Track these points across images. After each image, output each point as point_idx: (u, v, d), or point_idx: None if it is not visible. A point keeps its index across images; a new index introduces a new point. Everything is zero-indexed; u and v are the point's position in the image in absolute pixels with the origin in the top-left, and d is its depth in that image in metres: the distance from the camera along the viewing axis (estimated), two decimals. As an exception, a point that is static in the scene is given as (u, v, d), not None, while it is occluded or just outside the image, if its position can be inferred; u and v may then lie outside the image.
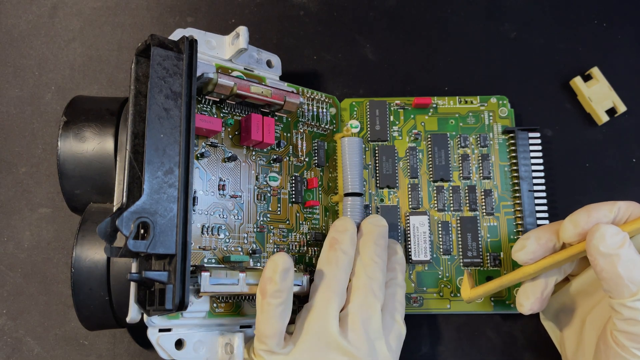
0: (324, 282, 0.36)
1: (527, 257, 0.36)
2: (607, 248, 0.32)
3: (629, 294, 0.31)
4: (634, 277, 0.31)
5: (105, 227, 0.30)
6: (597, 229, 0.33)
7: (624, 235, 0.32)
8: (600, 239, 0.32)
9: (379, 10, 0.49)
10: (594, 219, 0.33)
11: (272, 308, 0.33)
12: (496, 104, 0.45)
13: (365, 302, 0.36)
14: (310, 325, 0.35)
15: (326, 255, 0.37)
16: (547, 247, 0.36)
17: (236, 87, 0.37)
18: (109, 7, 0.49)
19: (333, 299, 0.35)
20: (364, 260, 0.38)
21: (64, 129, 0.37)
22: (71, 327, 0.43)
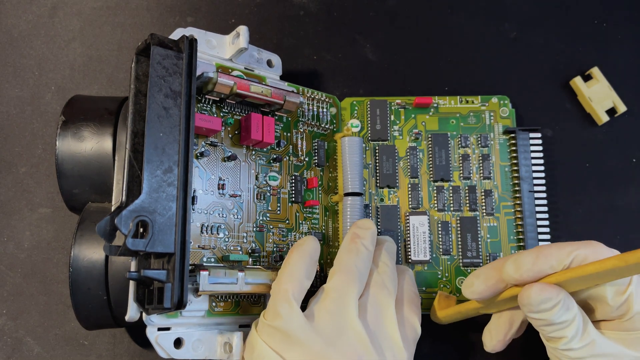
0: (344, 267, 0.35)
1: (473, 296, 0.35)
2: (536, 315, 0.31)
3: (561, 344, 0.32)
4: (565, 334, 0.31)
5: (104, 226, 0.30)
6: (527, 295, 0.31)
7: (556, 300, 0.31)
8: (528, 306, 0.31)
9: (379, 10, 0.49)
10: (539, 267, 0.31)
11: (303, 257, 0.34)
12: (497, 104, 0.45)
13: (381, 294, 0.35)
14: (328, 304, 0.34)
15: (347, 246, 0.36)
16: (497, 288, 0.34)
17: (236, 87, 0.37)
18: (109, 7, 0.49)
19: (353, 282, 0.34)
20: (376, 260, 0.37)
21: (63, 128, 0.37)
22: (71, 327, 0.43)
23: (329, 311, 0.33)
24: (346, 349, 0.32)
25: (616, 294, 0.32)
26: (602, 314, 0.33)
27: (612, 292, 0.32)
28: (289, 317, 0.32)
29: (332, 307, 0.33)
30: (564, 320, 0.31)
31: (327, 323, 0.33)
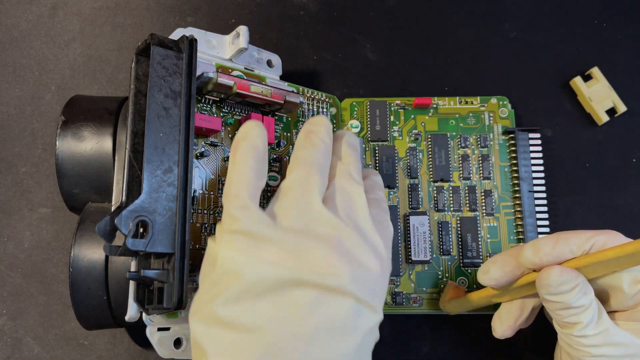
0: (301, 161, 0.31)
1: (489, 282, 0.34)
2: (554, 297, 0.31)
3: (576, 330, 0.32)
4: (580, 319, 0.31)
5: (104, 226, 0.30)
6: (546, 275, 0.31)
7: (575, 283, 0.31)
8: (547, 287, 0.31)
9: (379, 10, 0.49)
10: (558, 251, 0.31)
11: (249, 158, 0.30)
12: (496, 105, 0.45)
13: (348, 183, 0.32)
14: (290, 200, 0.30)
15: (302, 142, 0.33)
16: (514, 275, 0.34)
17: (236, 87, 0.37)
18: (109, 7, 0.49)
19: (314, 175, 0.31)
20: (337, 153, 0.34)
21: (63, 128, 0.37)
22: (71, 327, 0.43)
23: (293, 206, 0.30)
24: (322, 234, 0.29)
25: (632, 282, 0.32)
26: (617, 304, 0.33)
27: (629, 280, 0.32)
28: (249, 218, 0.28)
29: (294, 202, 0.30)
30: (581, 305, 0.31)
31: (293, 218, 0.29)
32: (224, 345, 0.26)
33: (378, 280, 0.29)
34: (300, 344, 0.26)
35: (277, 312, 0.26)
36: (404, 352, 0.43)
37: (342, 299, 0.27)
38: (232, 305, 0.26)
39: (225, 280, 0.27)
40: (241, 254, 0.27)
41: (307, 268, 0.27)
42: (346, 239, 0.29)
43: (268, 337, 0.26)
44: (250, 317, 0.26)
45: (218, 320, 0.26)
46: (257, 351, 0.25)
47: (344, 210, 0.31)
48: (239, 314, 0.26)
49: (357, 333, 0.27)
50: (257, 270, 0.27)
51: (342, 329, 0.27)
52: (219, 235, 0.29)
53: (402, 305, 0.42)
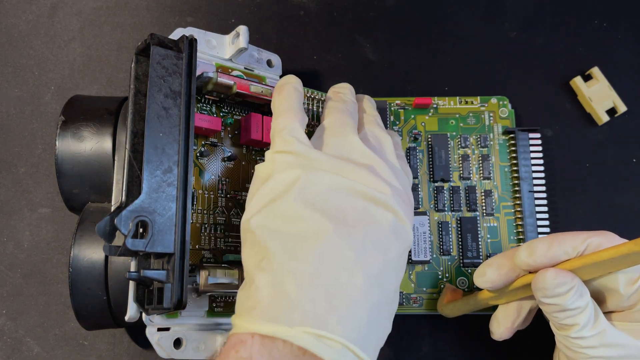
0: (336, 108, 0.35)
1: (485, 285, 0.35)
2: (550, 300, 0.31)
3: (573, 331, 0.32)
4: (577, 321, 0.31)
5: (104, 226, 0.30)
6: (542, 278, 0.31)
7: (570, 285, 0.31)
8: (542, 290, 0.31)
9: (379, 10, 0.49)
10: (552, 253, 0.31)
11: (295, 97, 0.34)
12: (497, 105, 0.45)
13: (377, 129, 0.36)
14: (330, 135, 0.33)
15: (331, 101, 0.37)
16: (510, 277, 0.34)
17: (236, 86, 0.37)
18: (108, 7, 0.49)
19: (349, 118, 0.35)
20: (362, 109, 0.38)
21: (62, 128, 0.37)
22: (71, 327, 0.43)
23: (332, 140, 0.33)
24: (360, 162, 0.32)
25: (628, 283, 0.32)
26: (613, 305, 0.33)
27: (624, 281, 0.32)
28: (300, 141, 0.31)
29: (334, 137, 0.33)
30: (577, 307, 0.31)
31: (334, 148, 0.32)
32: (286, 246, 0.28)
33: (408, 206, 0.32)
34: (353, 247, 0.28)
35: (330, 218, 0.29)
36: (404, 352, 0.43)
37: (386, 211, 0.30)
38: (288, 211, 0.29)
39: (283, 188, 0.30)
40: (295, 165, 0.30)
41: (355, 178, 0.30)
42: (379, 168, 0.32)
43: (325, 241, 0.28)
44: (307, 222, 0.28)
45: (274, 224, 0.29)
46: (316, 253, 0.28)
47: (374, 148, 0.34)
48: (293, 218, 0.29)
49: (398, 242, 0.30)
50: (311, 177, 0.30)
51: (386, 237, 0.29)
52: (270, 157, 0.31)
53: (402, 305, 0.42)
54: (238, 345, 0.26)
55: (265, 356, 0.25)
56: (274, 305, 0.27)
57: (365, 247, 0.28)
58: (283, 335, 0.25)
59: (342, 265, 0.28)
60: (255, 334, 0.26)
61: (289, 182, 0.30)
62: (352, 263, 0.28)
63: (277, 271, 0.27)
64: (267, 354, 0.25)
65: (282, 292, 0.27)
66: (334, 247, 0.28)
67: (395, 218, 0.30)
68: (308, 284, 0.27)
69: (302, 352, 0.25)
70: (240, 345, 0.26)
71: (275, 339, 0.26)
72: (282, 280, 0.27)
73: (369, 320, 0.27)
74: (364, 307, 0.27)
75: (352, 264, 0.28)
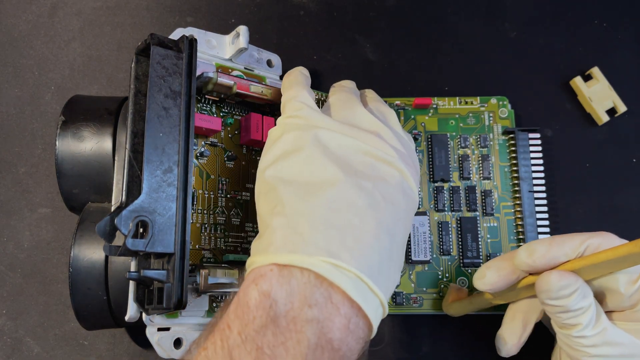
0: (340, 89, 0.38)
1: (485, 287, 0.35)
2: (554, 302, 0.31)
3: (575, 330, 0.32)
4: (580, 321, 0.32)
5: (104, 226, 0.30)
6: (546, 280, 0.31)
7: (575, 287, 0.31)
8: (547, 293, 0.31)
9: (379, 10, 0.49)
10: (552, 254, 0.32)
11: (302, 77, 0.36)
12: (496, 105, 0.45)
13: (380, 104, 0.37)
14: (337, 108, 0.35)
15: (333, 88, 0.39)
16: (510, 279, 0.34)
17: (236, 87, 0.37)
18: (109, 7, 0.49)
19: (353, 94, 0.37)
20: (364, 95, 0.40)
21: (62, 128, 0.37)
22: (71, 327, 0.43)
23: (340, 109, 0.35)
24: (366, 128, 0.33)
25: (628, 283, 0.32)
26: (613, 304, 0.33)
27: (624, 281, 0.32)
28: (310, 107, 0.33)
29: (341, 107, 0.35)
30: (580, 307, 0.31)
31: (341, 115, 0.34)
32: (299, 193, 0.29)
33: (414, 170, 0.33)
34: (363, 196, 0.29)
35: (341, 169, 0.30)
36: (404, 352, 0.43)
37: (392, 169, 0.31)
38: (300, 162, 0.30)
39: (296, 144, 0.31)
40: (305, 127, 0.32)
41: (362, 140, 0.32)
42: (385, 135, 0.33)
43: (336, 187, 0.29)
44: (319, 171, 0.30)
45: (287, 175, 0.30)
46: (328, 198, 0.29)
47: (379, 118, 0.35)
48: (305, 169, 0.30)
49: (405, 199, 0.31)
50: (321, 135, 0.31)
51: (394, 192, 0.31)
52: (281, 121, 0.33)
53: (402, 305, 0.42)
54: (258, 279, 0.26)
55: (284, 286, 0.26)
56: (289, 242, 0.27)
57: (375, 197, 0.29)
58: (301, 263, 0.26)
59: (354, 211, 0.28)
60: (273, 266, 0.26)
61: (299, 139, 0.31)
62: (363, 209, 0.29)
63: (290, 215, 0.28)
64: (286, 284, 0.26)
65: (296, 232, 0.27)
66: (345, 194, 0.29)
67: (402, 176, 0.32)
68: (321, 225, 0.28)
69: (320, 281, 0.26)
70: (260, 279, 0.26)
71: (293, 269, 0.26)
72: (295, 221, 0.28)
73: (381, 263, 0.28)
74: (376, 250, 0.28)
75: (363, 210, 0.29)
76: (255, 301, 0.26)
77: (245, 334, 0.25)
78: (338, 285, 0.26)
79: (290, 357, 0.25)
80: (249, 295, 0.26)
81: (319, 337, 0.25)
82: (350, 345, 0.26)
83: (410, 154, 0.34)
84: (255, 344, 0.25)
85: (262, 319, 0.25)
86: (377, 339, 0.43)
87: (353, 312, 0.26)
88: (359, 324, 0.27)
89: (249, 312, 0.26)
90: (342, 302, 0.26)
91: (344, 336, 0.26)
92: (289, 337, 0.25)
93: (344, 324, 0.26)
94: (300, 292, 0.26)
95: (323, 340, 0.25)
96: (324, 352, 0.25)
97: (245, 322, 0.26)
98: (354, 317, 0.26)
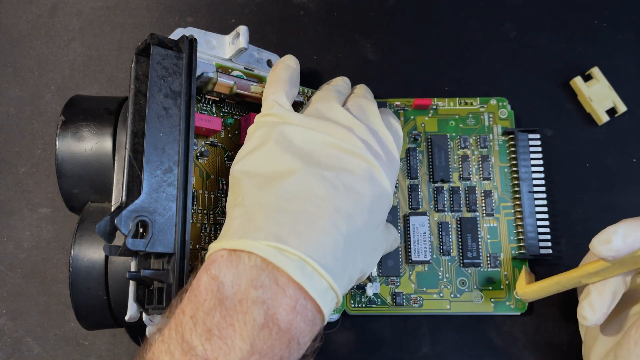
0: (323, 88, 0.39)
1: (609, 253, 0.32)
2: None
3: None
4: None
5: (104, 226, 0.30)
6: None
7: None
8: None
9: (379, 10, 0.49)
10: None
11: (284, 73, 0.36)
12: (496, 106, 0.45)
13: (362, 100, 0.37)
14: (314, 106, 0.36)
15: (320, 87, 0.40)
16: (634, 247, 0.32)
17: (236, 87, 0.37)
18: (108, 7, 0.49)
19: (334, 93, 0.37)
20: (353, 90, 0.40)
21: (62, 128, 0.37)
22: (71, 327, 0.43)
23: (316, 106, 0.35)
24: (339, 122, 0.34)
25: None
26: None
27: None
28: (284, 106, 0.34)
29: (317, 104, 0.36)
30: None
31: (315, 112, 0.35)
32: (259, 184, 0.30)
33: (387, 164, 0.34)
34: (323, 185, 0.30)
35: (302, 160, 0.31)
36: (404, 352, 0.43)
37: (360, 161, 0.32)
38: (263, 156, 0.32)
39: (262, 139, 0.32)
40: (273, 124, 0.33)
41: (330, 134, 0.32)
42: (358, 130, 0.33)
43: (295, 177, 0.30)
44: (279, 163, 0.31)
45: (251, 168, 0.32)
46: (285, 188, 0.30)
47: (357, 114, 0.35)
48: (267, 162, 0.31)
49: (372, 189, 0.32)
50: (287, 130, 0.32)
51: (358, 183, 0.31)
52: (256, 120, 0.34)
53: (402, 305, 0.42)
54: (209, 264, 0.28)
55: (232, 270, 0.27)
56: (242, 229, 0.29)
57: (337, 187, 0.30)
58: (248, 247, 0.27)
59: (310, 199, 0.29)
60: (224, 251, 0.28)
61: (266, 135, 0.32)
62: (320, 198, 0.30)
63: (248, 205, 0.30)
64: (234, 267, 0.27)
65: (250, 220, 0.29)
66: (303, 184, 0.30)
67: (370, 167, 0.32)
68: (274, 212, 0.29)
69: (265, 265, 0.27)
70: (211, 264, 0.28)
71: (241, 253, 0.27)
72: (251, 211, 0.29)
73: (335, 248, 0.29)
74: (330, 235, 0.29)
75: (320, 199, 0.30)
76: (205, 285, 0.27)
77: (196, 317, 0.26)
78: (282, 268, 0.27)
79: (238, 337, 0.26)
80: (201, 280, 0.27)
81: (265, 318, 0.26)
82: (299, 327, 0.27)
83: (384, 149, 0.34)
84: (205, 326, 0.26)
85: (211, 302, 0.26)
86: (378, 339, 0.43)
87: (299, 294, 0.27)
88: (306, 306, 0.27)
89: (200, 296, 0.27)
90: (287, 284, 0.27)
91: (291, 317, 0.27)
92: (236, 318, 0.26)
93: (291, 305, 0.27)
94: (246, 274, 0.27)
95: (269, 320, 0.26)
96: (271, 332, 0.26)
97: (196, 306, 0.27)
98: (301, 299, 0.27)
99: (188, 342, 0.26)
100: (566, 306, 0.43)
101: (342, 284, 0.29)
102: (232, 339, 0.26)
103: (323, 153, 0.32)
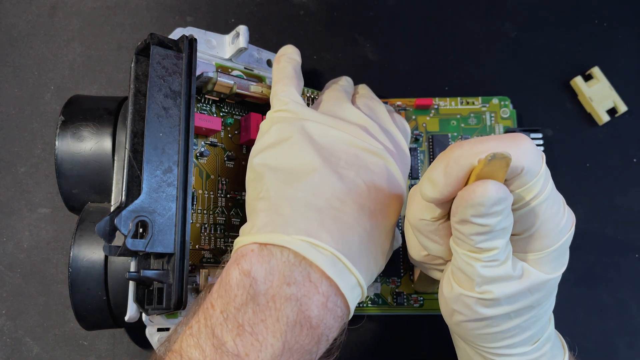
0: (332, 88, 0.39)
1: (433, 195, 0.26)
2: (481, 220, 0.24)
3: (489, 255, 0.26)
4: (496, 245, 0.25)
5: (104, 226, 0.30)
6: (482, 191, 0.23)
7: (508, 202, 0.24)
8: (476, 208, 0.24)
9: (379, 10, 0.49)
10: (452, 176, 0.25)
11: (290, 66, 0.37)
12: (498, 105, 0.45)
13: (370, 100, 0.38)
14: (325, 103, 0.36)
15: (326, 87, 0.40)
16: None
17: (236, 87, 0.37)
18: (108, 7, 0.49)
19: (343, 92, 0.38)
20: (357, 90, 0.41)
21: (62, 128, 0.37)
22: (70, 328, 0.43)
23: (328, 106, 0.36)
24: (352, 121, 0.34)
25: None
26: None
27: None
28: (296, 101, 0.34)
29: (328, 102, 0.36)
30: (504, 227, 0.25)
31: (328, 111, 0.35)
32: (282, 178, 0.30)
33: (400, 161, 0.34)
34: (345, 182, 0.30)
35: (323, 158, 0.31)
36: (404, 352, 0.43)
37: (377, 159, 0.32)
38: (285, 152, 0.31)
39: (282, 135, 0.32)
40: (291, 119, 0.33)
41: (347, 132, 0.33)
42: (372, 129, 0.34)
43: (318, 173, 0.30)
44: (302, 159, 0.31)
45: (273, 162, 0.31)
46: (309, 183, 0.30)
47: (368, 114, 0.36)
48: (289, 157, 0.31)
49: (389, 187, 0.32)
50: (307, 126, 0.32)
51: (377, 180, 0.31)
52: (270, 115, 0.34)
53: (403, 305, 0.42)
54: (240, 258, 0.27)
55: (264, 265, 0.27)
56: (271, 222, 0.28)
57: (357, 184, 0.30)
58: (280, 241, 0.27)
59: (335, 195, 0.29)
60: (254, 245, 0.27)
61: (286, 130, 0.32)
62: (344, 193, 0.30)
63: (274, 198, 0.30)
64: (266, 263, 0.27)
65: (278, 214, 0.29)
66: (326, 180, 0.30)
67: (387, 165, 0.32)
68: (302, 207, 0.29)
69: (299, 260, 0.27)
70: (242, 259, 0.27)
71: (273, 248, 0.27)
72: (278, 205, 0.29)
73: (360, 244, 0.29)
74: (355, 231, 0.29)
75: (344, 194, 0.30)
76: (236, 280, 0.27)
77: (227, 312, 0.26)
78: (316, 264, 0.27)
79: (270, 334, 0.26)
80: (231, 274, 0.27)
81: (297, 314, 0.26)
82: (328, 324, 0.27)
83: (397, 148, 0.35)
84: (236, 322, 0.26)
85: (242, 297, 0.26)
86: (378, 338, 0.43)
87: (331, 290, 0.27)
88: (337, 303, 0.27)
89: (231, 291, 0.26)
90: (320, 280, 0.27)
91: (322, 314, 0.27)
92: (269, 314, 0.26)
93: (322, 302, 0.27)
94: (279, 270, 0.27)
95: (301, 317, 0.26)
96: (302, 329, 0.26)
97: (227, 301, 0.26)
98: (332, 296, 0.27)
99: (218, 338, 0.26)
100: (565, 306, 0.43)
101: (367, 280, 0.29)
102: (264, 336, 0.26)
103: (342, 150, 0.32)
